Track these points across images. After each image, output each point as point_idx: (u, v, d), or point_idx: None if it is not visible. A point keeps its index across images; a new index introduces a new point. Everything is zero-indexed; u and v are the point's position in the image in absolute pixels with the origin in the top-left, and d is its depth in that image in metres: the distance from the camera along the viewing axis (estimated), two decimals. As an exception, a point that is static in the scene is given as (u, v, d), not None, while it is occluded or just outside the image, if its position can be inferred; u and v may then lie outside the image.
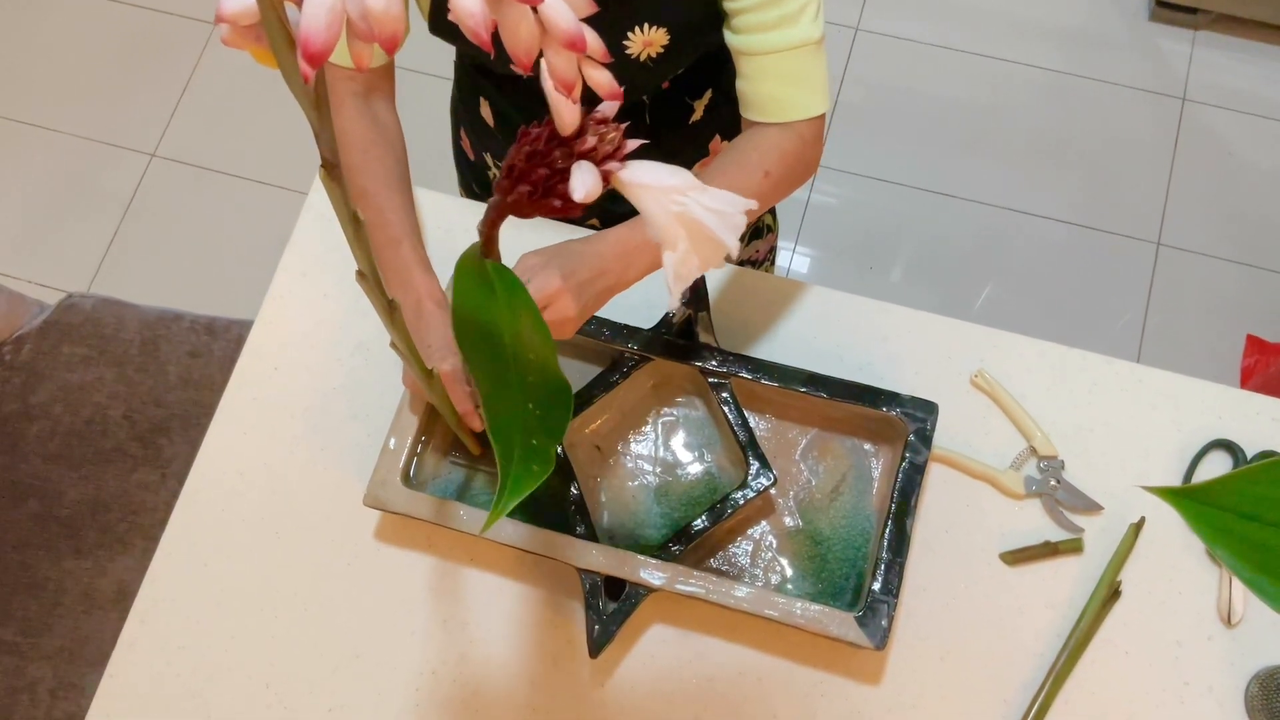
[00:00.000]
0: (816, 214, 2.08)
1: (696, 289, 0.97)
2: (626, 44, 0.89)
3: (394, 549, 0.97)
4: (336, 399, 1.02)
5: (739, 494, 0.89)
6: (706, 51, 0.95)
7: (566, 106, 0.51)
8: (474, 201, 1.12)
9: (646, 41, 0.89)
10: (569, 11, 0.47)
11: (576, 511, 0.90)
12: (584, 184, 0.51)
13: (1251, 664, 0.90)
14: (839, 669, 0.91)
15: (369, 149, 0.92)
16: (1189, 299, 1.97)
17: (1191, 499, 0.46)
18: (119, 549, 1.30)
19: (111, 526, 1.31)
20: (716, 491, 0.96)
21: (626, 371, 0.95)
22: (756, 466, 0.90)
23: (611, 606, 0.87)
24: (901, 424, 0.91)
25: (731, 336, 1.03)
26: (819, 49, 0.86)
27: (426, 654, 0.94)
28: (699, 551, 0.92)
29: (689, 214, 0.51)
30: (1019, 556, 0.94)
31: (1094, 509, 0.95)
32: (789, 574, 0.93)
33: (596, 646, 0.86)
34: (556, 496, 0.92)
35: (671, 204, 0.51)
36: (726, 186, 0.57)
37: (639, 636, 0.93)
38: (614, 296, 0.84)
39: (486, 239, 0.59)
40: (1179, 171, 2.07)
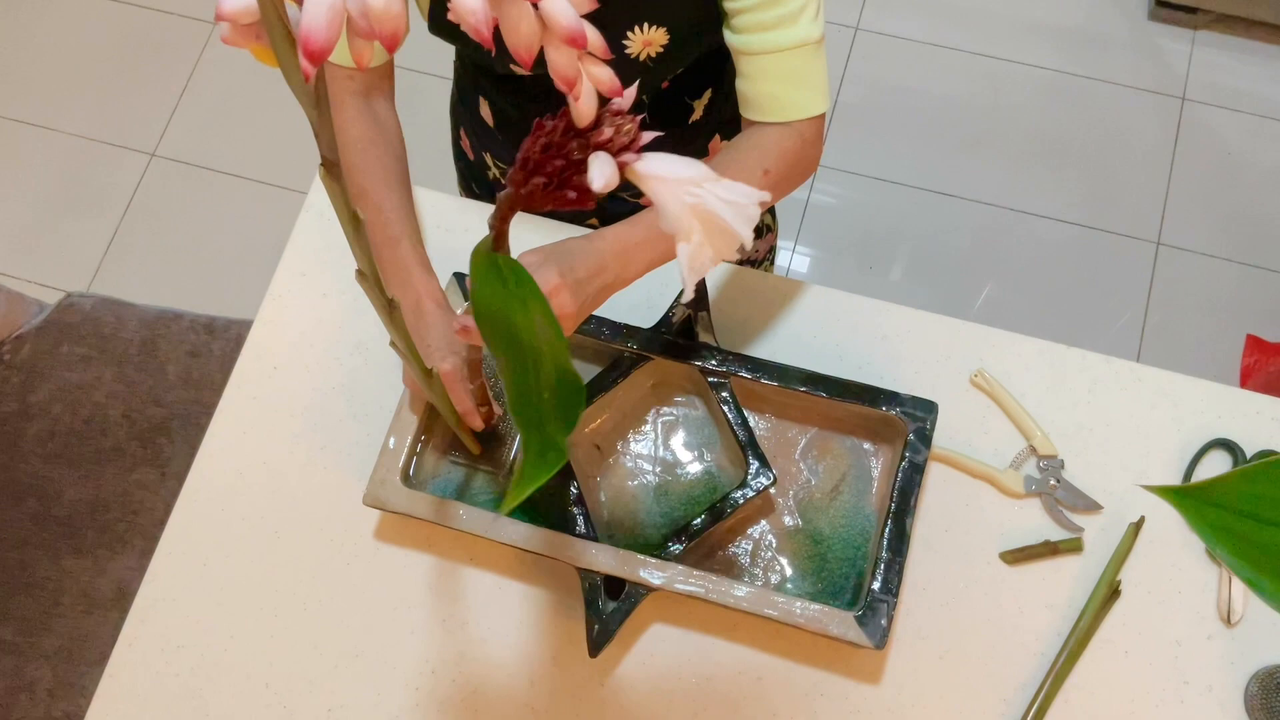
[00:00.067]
0: (816, 213, 2.08)
1: (696, 288, 0.97)
2: (626, 44, 0.89)
3: (393, 548, 0.97)
4: (336, 398, 1.02)
5: (738, 493, 0.90)
6: (706, 51, 0.95)
7: (585, 96, 0.51)
8: (474, 201, 1.12)
9: (646, 41, 0.89)
10: (569, 8, 0.47)
11: (576, 511, 0.90)
12: (603, 174, 0.51)
13: (1251, 663, 0.91)
14: (838, 668, 0.91)
15: (368, 148, 0.92)
16: (1188, 298, 1.97)
17: (1191, 498, 0.46)
18: (118, 548, 1.30)
19: (111, 526, 1.31)
20: (716, 491, 0.96)
21: (626, 370, 0.95)
22: (756, 466, 0.90)
23: (611, 606, 0.87)
24: (901, 423, 0.91)
25: (731, 336, 1.03)
26: (819, 48, 0.86)
27: (426, 653, 0.94)
28: (699, 551, 0.92)
29: (704, 205, 0.51)
30: (1019, 556, 0.94)
31: (1094, 508, 0.95)
32: (788, 573, 0.93)
33: (596, 646, 0.86)
34: (556, 496, 0.92)
35: (686, 195, 0.51)
36: None
37: (639, 636, 0.93)
38: (613, 294, 0.83)
39: (497, 233, 0.59)
40: (1178, 171, 2.07)
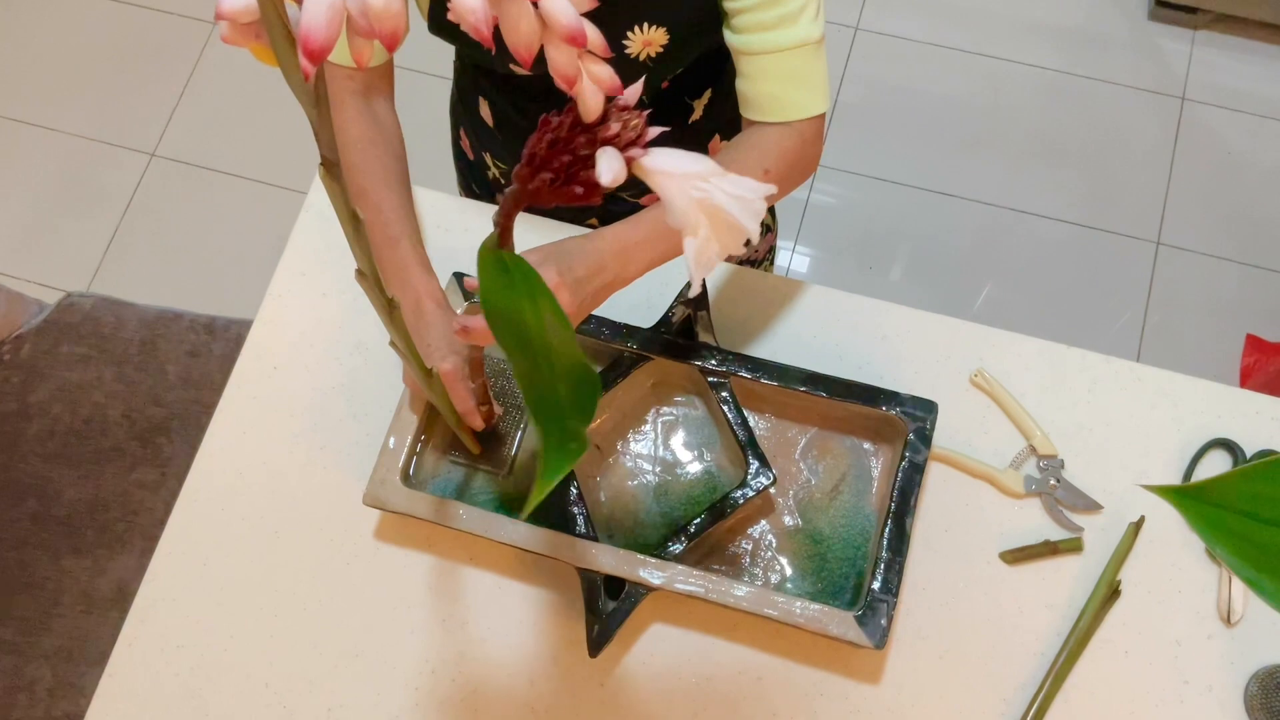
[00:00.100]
0: (816, 213, 2.08)
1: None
2: (626, 44, 0.89)
3: (393, 548, 0.97)
4: (336, 398, 1.02)
5: (738, 493, 0.89)
6: (706, 51, 0.95)
7: (592, 92, 0.51)
8: (473, 201, 1.11)
9: (646, 41, 0.89)
10: (569, 6, 0.47)
11: (576, 511, 0.90)
12: (611, 168, 0.51)
13: (1251, 663, 0.91)
14: (838, 668, 0.91)
15: (368, 148, 0.92)
16: (1188, 298, 1.97)
17: (1191, 498, 0.46)
18: (118, 548, 1.30)
19: (110, 526, 1.31)
20: (716, 491, 0.96)
21: (626, 370, 0.95)
22: (756, 466, 0.90)
23: (611, 605, 0.87)
24: (901, 423, 0.91)
25: (731, 335, 1.03)
26: (819, 48, 0.86)
27: (426, 653, 0.94)
28: (698, 551, 0.92)
29: (710, 200, 0.51)
30: (1018, 556, 0.94)
31: (1093, 508, 0.95)
32: (788, 573, 0.93)
33: (596, 645, 0.86)
34: (556, 496, 0.92)
35: (693, 190, 0.51)
36: None
37: (638, 635, 0.93)
38: (613, 294, 0.83)
39: (502, 229, 0.59)
40: (1178, 171, 2.07)
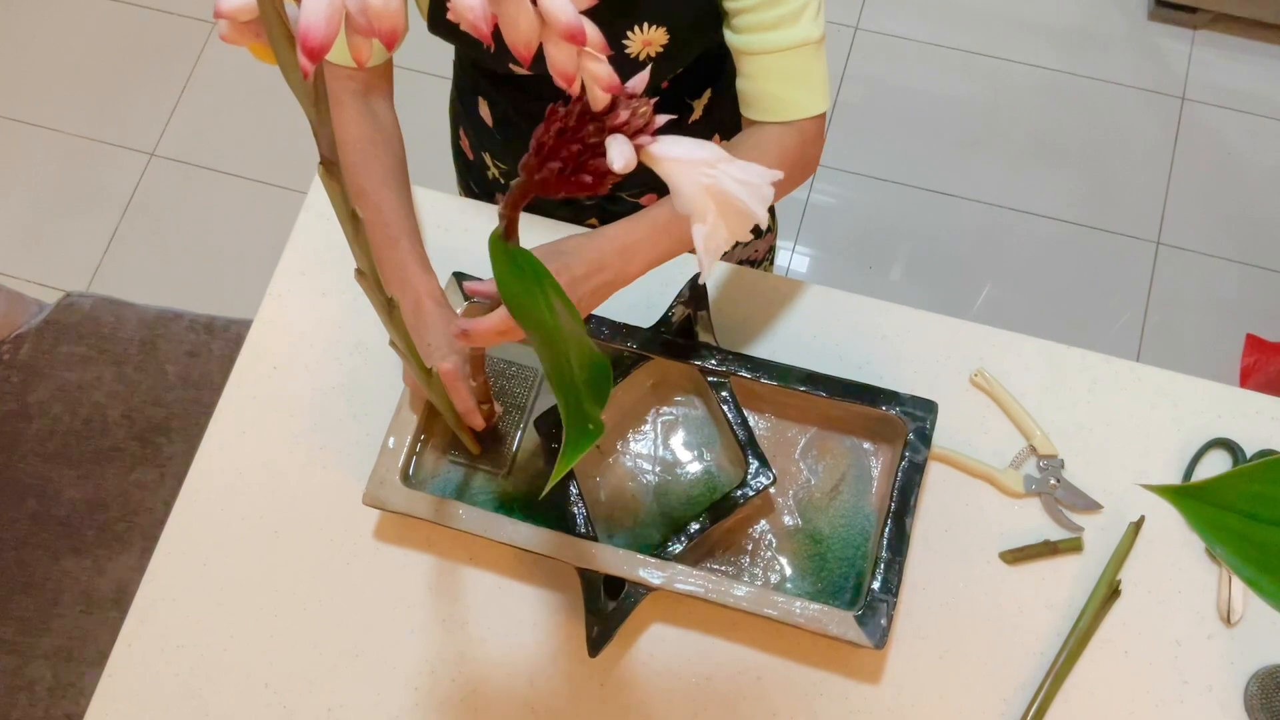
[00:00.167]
0: (815, 213, 2.08)
1: (696, 288, 0.97)
2: (626, 43, 0.89)
3: (393, 548, 0.97)
4: (335, 398, 1.02)
5: (738, 493, 0.89)
6: (706, 51, 0.95)
7: (599, 66, 0.51)
8: (473, 201, 1.11)
9: (646, 41, 0.89)
10: (568, 4, 0.47)
11: (576, 511, 0.90)
12: (622, 155, 0.51)
13: (1251, 663, 0.90)
14: (838, 668, 0.91)
15: (367, 147, 0.92)
16: (1188, 298, 1.97)
17: (1191, 497, 0.46)
18: (118, 548, 1.30)
19: (110, 526, 1.31)
20: (716, 490, 0.96)
21: (626, 370, 0.95)
22: (756, 465, 0.90)
23: (611, 605, 0.87)
24: (901, 423, 0.91)
25: (730, 335, 1.02)
26: (819, 48, 0.86)
27: (426, 653, 0.94)
28: (698, 550, 0.92)
29: (718, 186, 0.51)
30: (1018, 555, 0.94)
31: (1093, 508, 0.95)
32: (788, 573, 0.93)
33: (595, 645, 0.86)
34: (556, 495, 0.92)
35: (701, 176, 0.52)
36: None
37: (638, 635, 0.93)
38: (614, 292, 0.83)
39: (508, 222, 0.59)
40: (1178, 171, 2.07)
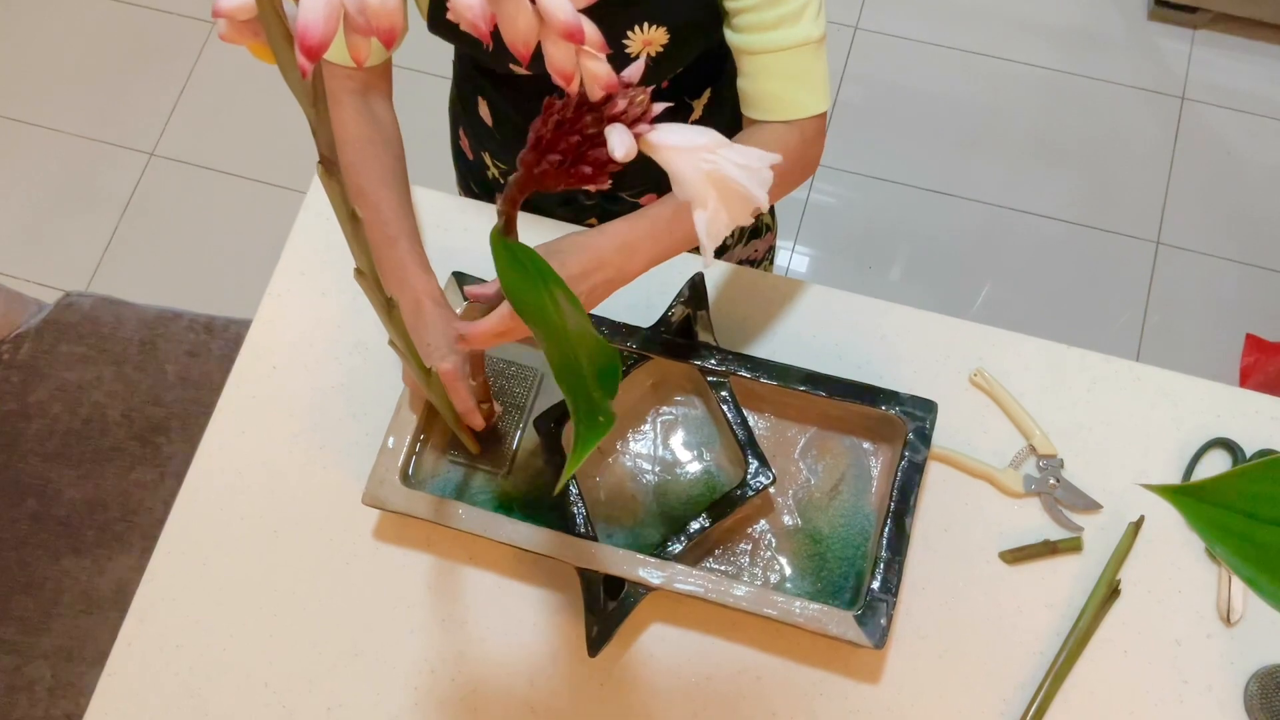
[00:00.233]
0: (815, 213, 2.08)
1: (696, 288, 0.97)
2: (626, 43, 0.89)
3: (392, 548, 0.97)
4: (335, 397, 1.02)
5: (738, 493, 0.89)
6: (706, 51, 0.95)
7: (597, 65, 0.51)
8: (472, 200, 1.11)
9: (646, 41, 0.89)
10: (566, 2, 0.47)
11: (576, 510, 0.90)
12: (623, 143, 0.51)
13: (1251, 662, 0.90)
14: (838, 668, 0.91)
15: (366, 147, 0.92)
16: (1188, 298, 1.97)
17: (1191, 497, 0.46)
18: (117, 548, 1.30)
19: (110, 525, 1.31)
20: (715, 490, 0.96)
21: (625, 370, 0.95)
22: (755, 465, 0.90)
23: (610, 605, 0.87)
24: (900, 422, 0.91)
25: (730, 335, 1.02)
26: (820, 47, 0.85)
27: (425, 652, 0.94)
28: (698, 550, 0.92)
29: (719, 171, 0.51)
30: (1018, 555, 0.93)
31: (1093, 507, 0.95)
32: (788, 573, 0.93)
33: (595, 645, 0.86)
34: (555, 495, 0.92)
35: (701, 163, 0.52)
36: None
37: (638, 635, 0.93)
38: (615, 290, 0.83)
39: (507, 218, 0.59)
40: (1178, 170, 2.07)
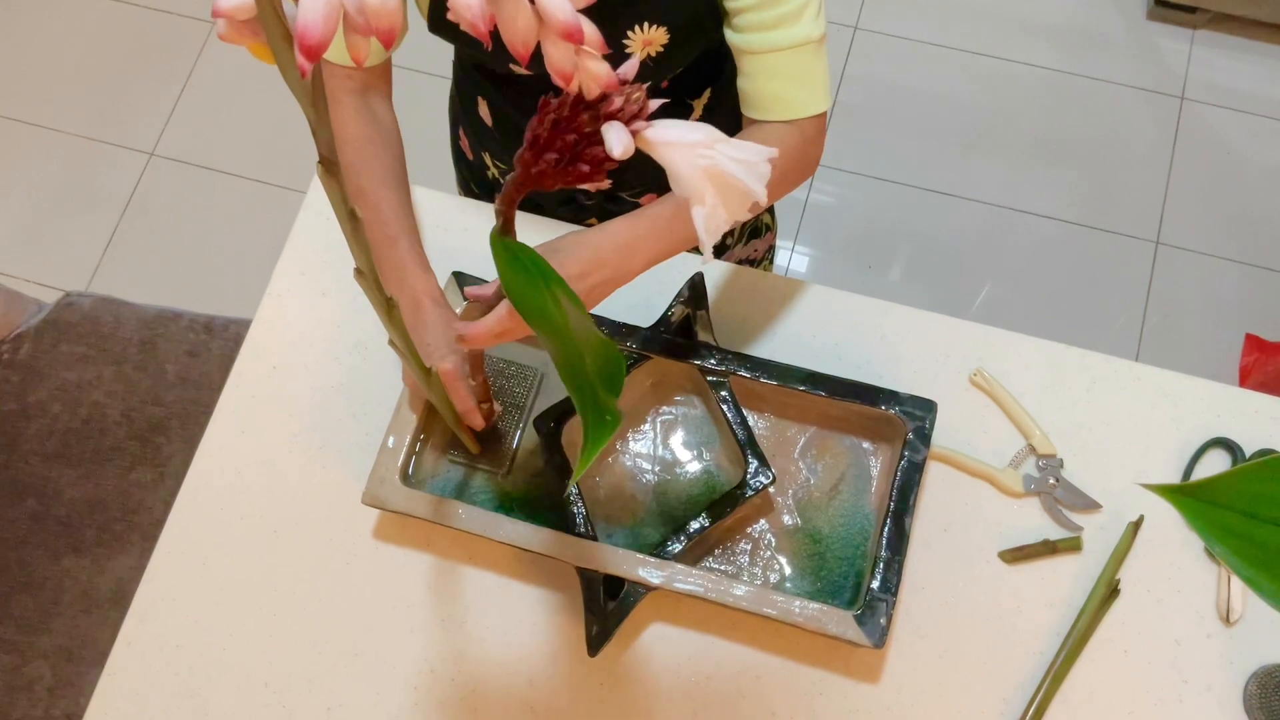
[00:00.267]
0: (815, 213, 2.08)
1: (695, 288, 0.97)
2: (626, 43, 0.89)
3: (392, 547, 0.97)
4: (335, 397, 1.02)
5: (738, 492, 0.89)
6: (706, 51, 0.95)
7: (597, 64, 0.51)
8: (472, 201, 1.11)
9: (646, 41, 0.89)
10: (565, 2, 0.47)
11: (575, 510, 0.90)
12: (620, 140, 0.51)
13: (1250, 662, 0.90)
14: (837, 667, 0.91)
15: (366, 147, 0.92)
16: (1188, 298, 1.97)
17: (1190, 497, 0.46)
18: (117, 548, 1.30)
19: (110, 525, 1.31)
20: (715, 490, 0.96)
21: (625, 370, 0.95)
22: (755, 465, 0.90)
23: (610, 605, 0.87)
24: (900, 422, 0.91)
25: (730, 335, 1.02)
26: (820, 47, 0.86)
27: (425, 652, 0.94)
28: (698, 550, 0.92)
29: (716, 166, 0.52)
30: (1018, 555, 0.94)
31: (1093, 507, 0.95)
32: (788, 572, 0.93)
33: (595, 645, 0.86)
34: (555, 495, 0.92)
35: (699, 158, 0.52)
36: None
37: (638, 635, 0.93)
38: (614, 290, 0.83)
39: (504, 218, 0.59)
40: (1178, 170, 2.07)
